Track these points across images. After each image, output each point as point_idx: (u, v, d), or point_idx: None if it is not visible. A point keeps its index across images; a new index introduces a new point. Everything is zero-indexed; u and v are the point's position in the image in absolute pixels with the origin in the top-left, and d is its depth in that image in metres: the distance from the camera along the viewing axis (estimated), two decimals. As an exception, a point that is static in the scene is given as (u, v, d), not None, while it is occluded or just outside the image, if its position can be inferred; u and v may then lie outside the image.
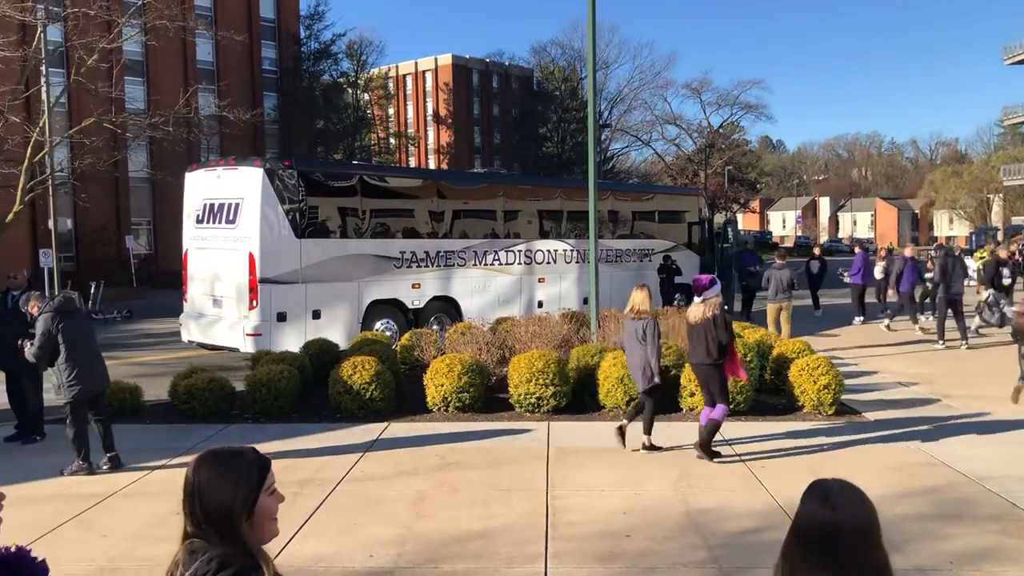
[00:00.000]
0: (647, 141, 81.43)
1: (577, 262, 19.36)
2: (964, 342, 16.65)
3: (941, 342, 16.73)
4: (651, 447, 8.83)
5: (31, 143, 25.93)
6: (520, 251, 18.47)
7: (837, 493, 2.10)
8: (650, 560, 5.95)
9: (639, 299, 8.88)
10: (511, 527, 6.65)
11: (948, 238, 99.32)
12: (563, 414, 10.55)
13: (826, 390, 10.37)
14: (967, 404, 11.23)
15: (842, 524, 2.05)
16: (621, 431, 8.88)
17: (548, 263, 18.99)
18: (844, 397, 10.77)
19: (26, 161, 25.79)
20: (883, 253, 23.03)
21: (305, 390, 11.53)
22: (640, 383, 8.82)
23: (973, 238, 79.48)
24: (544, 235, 19.20)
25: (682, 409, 10.65)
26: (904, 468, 8.23)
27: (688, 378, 10.44)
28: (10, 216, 25.97)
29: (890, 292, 20.91)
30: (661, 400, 9.27)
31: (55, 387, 8.32)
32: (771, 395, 11.44)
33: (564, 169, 68.14)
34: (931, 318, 19.65)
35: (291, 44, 53.00)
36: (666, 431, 9.48)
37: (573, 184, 22.41)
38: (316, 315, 15.10)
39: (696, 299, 8.74)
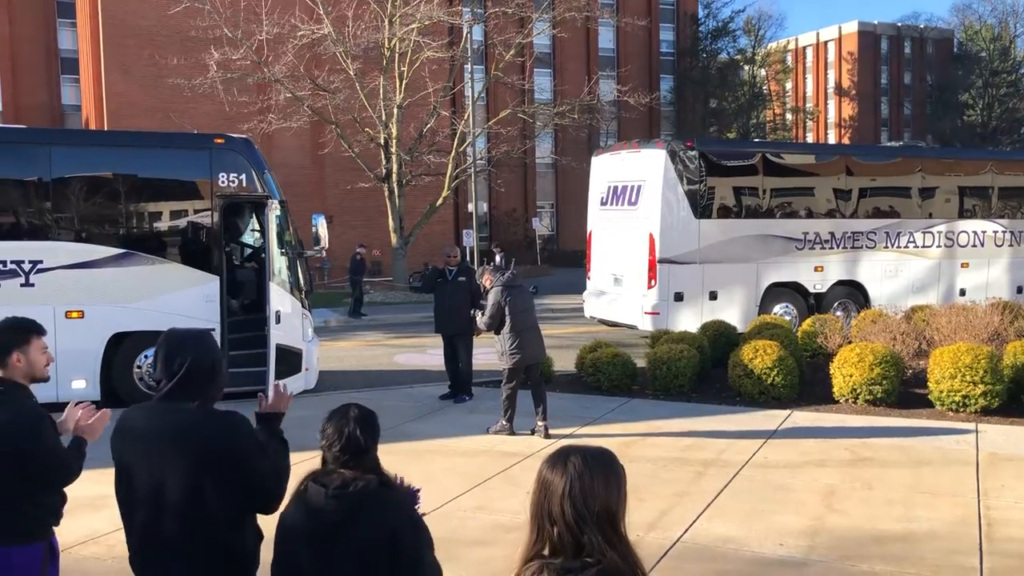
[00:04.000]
0: (1102, 103, 69.07)
1: (1010, 245, 17.09)
2: None
3: None
4: None
5: (457, 135, 29.06)
6: (939, 232, 16.73)
7: None
8: (1119, 596, 5.08)
9: None
10: (936, 533, 6.07)
11: None
12: (994, 416, 9.38)
13: None
14: None
15: None
16: None
17: (973, 246, 16.98)
18: None
19: (452, 151, 28.94)
20: None
21: (702, 371, 11.53)
22: None
23: None
24: (969, 214, 17.19)
25: None
26: None
27: None
28: (439, 200, 29.38)
29: None
30: None
31: (498, 354, 9.19)
32: None
33: (988, 140, 60.44)
34: None
35: (689, 24, 53.24)
36: None
37: (1007, 156, 19.79)
38: (713, 296, 15.07)
39: None
